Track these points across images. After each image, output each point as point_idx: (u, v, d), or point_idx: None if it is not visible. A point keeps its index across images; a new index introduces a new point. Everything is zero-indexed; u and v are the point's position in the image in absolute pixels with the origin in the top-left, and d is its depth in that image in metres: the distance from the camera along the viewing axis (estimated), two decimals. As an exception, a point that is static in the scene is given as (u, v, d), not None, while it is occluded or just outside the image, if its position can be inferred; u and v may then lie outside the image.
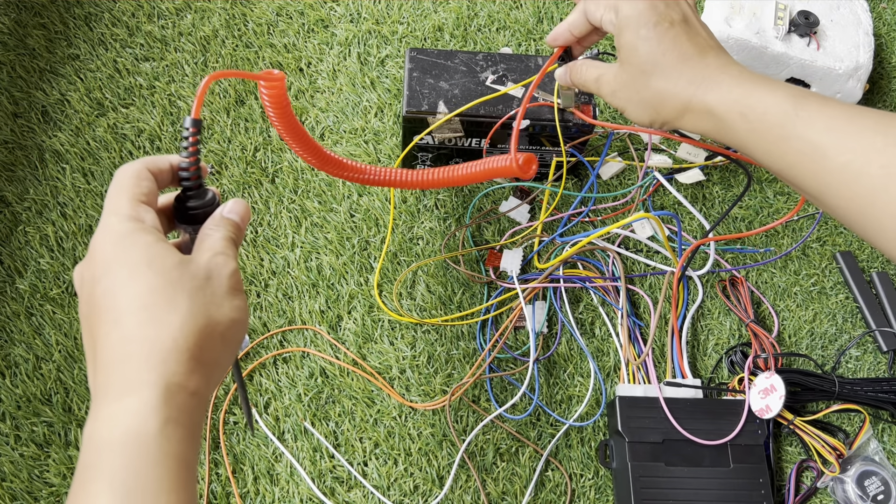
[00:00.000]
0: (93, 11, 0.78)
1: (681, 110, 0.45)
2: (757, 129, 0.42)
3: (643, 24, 0.45)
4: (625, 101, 0.48)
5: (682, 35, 0.45)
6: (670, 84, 0.45)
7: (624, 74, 0.47)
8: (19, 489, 0.57)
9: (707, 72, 0.44)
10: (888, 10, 0.90)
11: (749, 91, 0.42)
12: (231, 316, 0.35)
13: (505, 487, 0.61)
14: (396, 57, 0.80)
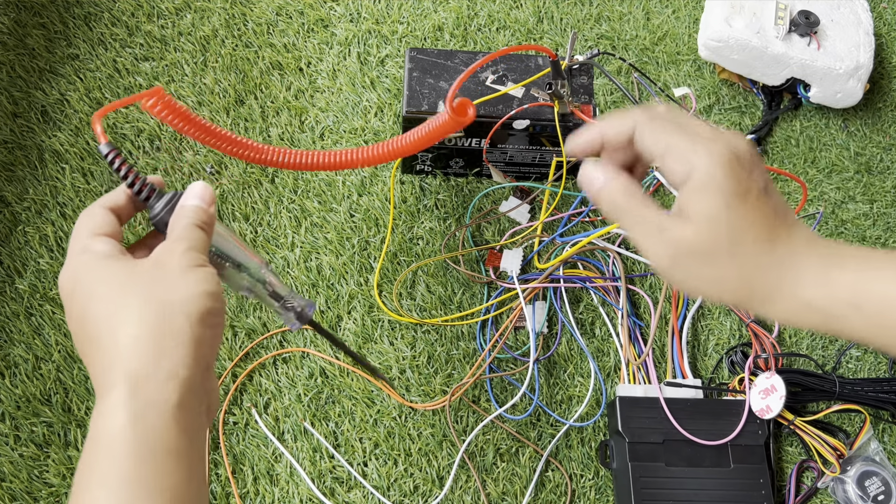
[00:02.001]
0: (92, 11, 0.78)
1: (767, 297, 0.37)
2: (879, 323, 0.35)
3: (729, 192, 0.36)
4: (686, 275, 0.38)
5: (768, 207, 0.37)
6: (753, 267, 0.37)
7: (692, 243, 0.37)
8: (19, 489, 0.57)
9: (796, 255, 0.37)
10: (888, 10, 0.90)
11: (858, 276, 0.35)
12: (188, 291, 0.34)
13: (505, 488, 0.61)
14: (396, 57, 0.80)
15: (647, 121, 0.39)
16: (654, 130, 0.38)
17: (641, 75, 0.81)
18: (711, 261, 0.37)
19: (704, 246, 0.37)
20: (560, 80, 0.65)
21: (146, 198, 0.39)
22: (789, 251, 0.37)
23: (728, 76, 0.82)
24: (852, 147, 0.80)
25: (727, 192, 0.36)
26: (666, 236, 0.37)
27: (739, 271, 0.37)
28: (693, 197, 0.37)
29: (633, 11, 0.86)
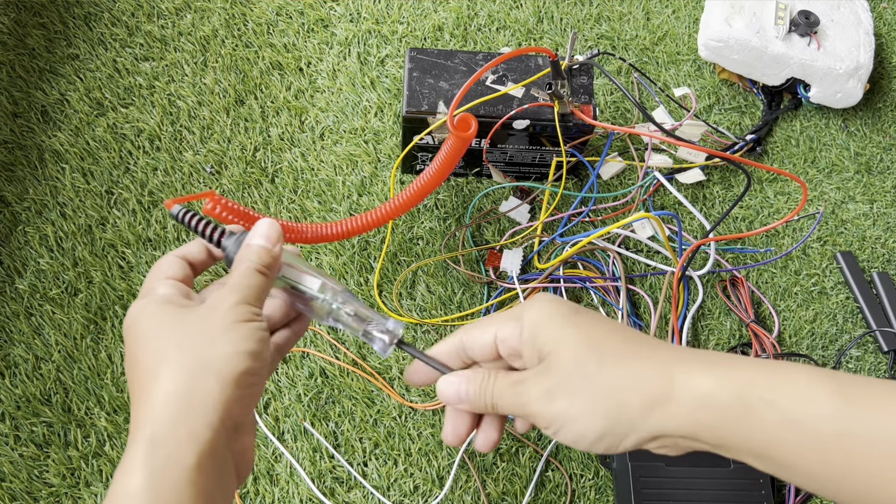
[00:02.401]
0: (92, 11, 0.78)
1: (655, 401, 0.34)
2: (796, 421, 0.32)
3: (566, 313, 0.36)
4: (566, 406, 0.35)
5: (611, 324, 0.37)
6: (630, 369, 0.35)
7: (557, 373, 0.35)
8: (19, 489, 0.57)
9: (675, 352, 0.35)
10: (888, 10, 0.90)
11: (767, 371, 0.34)
12: (227, 350, 0.34)
13: (505, 488, 0.61)
14: (396, 57, 0.79)
15: (467, 329, 0.39)
16: (474, 328, 0.39)
17: (641, 75, 0.81)
18: (577, 380, 0.35)
19: (562, 371, 0.35)
20: (560, 80, 0.65)
21: (217, 241, 0.40)
22: (669, 352, 0.35)
23: (728, 76, 0.82)
24: (852, 147, 0.80)
25: (565, 313, 0.36)
26: (525, 387, 0.36)
27: (619, 382, 0.35)
28: (538, 334, 0.36)
29: (632, 11, 0.86)
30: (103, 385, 0.62)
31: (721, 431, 0.33)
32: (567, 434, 0.35)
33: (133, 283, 0.66)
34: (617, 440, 0.35)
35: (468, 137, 0.59)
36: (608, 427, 0.34)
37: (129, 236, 0.68)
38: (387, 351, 0.41)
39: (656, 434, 0.34)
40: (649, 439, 0.35)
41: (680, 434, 0.34)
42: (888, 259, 0.74)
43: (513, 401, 0.37)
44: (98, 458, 0.59)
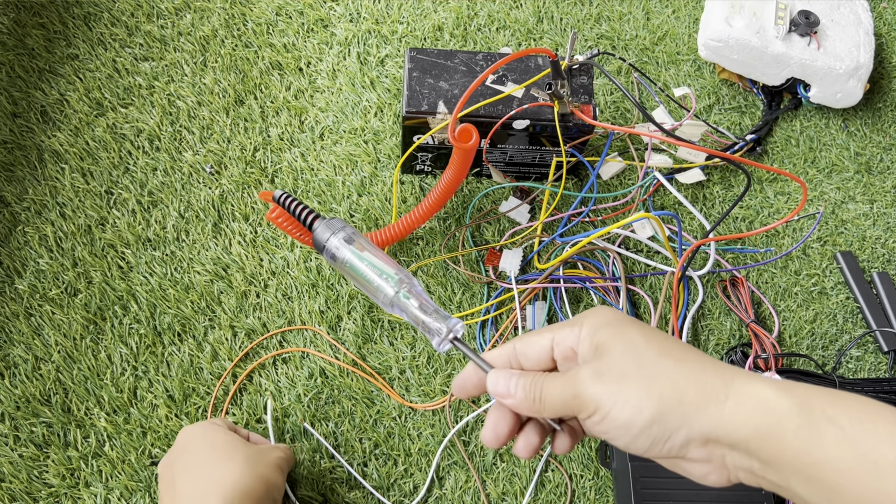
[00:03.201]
0: (92, 11, 0.78)
1: (712, 395, 0.33)
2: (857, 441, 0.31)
3: (625, 319, 0.37)
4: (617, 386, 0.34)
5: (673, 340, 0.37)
6: (689, 364, 0.34)
7: (612, 357, 0.35)
8: (18, 490, 0.57)
9: (734, 367, 0.35)
10: (889, 10, 0.90)
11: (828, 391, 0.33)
12: (272, 478, 0.51)
13: (505, 488, 0.61)
14: (396, 57, 0.79)
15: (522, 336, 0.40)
16: (530, 334, 0.40)
17: (641, 75, 0.80)
18: (637, 365, 0.34)
19: (629, 354, 0.35)
20: (560, 80, 0.65)
21: (310, 224, 0.50)
22: (726, 365, 0.35)
23: (728, 76, 0.82)
24: (852, 147, 0.80)
25: (627, 320, 0.36)
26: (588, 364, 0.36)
27: (673, 370, 0.34)
28: (597, 332, 0.36)
29: (632, 11, 0.86)
30: (103, 385, 0.62)
31: (776, 442, 0.32)
32: (615, 419, 0.34)
33: (132, 283, 0.66)
34: (666, 432, 0.33)
35: (470, 149, 0.59)
36: (660, 413, 0.33)
37: (129, 236, 0.68)
38: (442, 346, 0.42)
39: (708, 436, 0.33)
40: (700, 441, 0.33)
41: (733, 440, 0.33)
42: (888, 259, 0.74)
43: (562, 387, 0.36)
44: (98, 458, 0.59)
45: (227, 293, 0.66)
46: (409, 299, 0.44)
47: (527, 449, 0.39)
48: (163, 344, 0.64)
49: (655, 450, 0.34)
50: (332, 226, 0.48)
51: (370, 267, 0.46)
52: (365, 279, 0.46)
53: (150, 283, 0.66)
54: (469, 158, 0.61)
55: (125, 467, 0.59)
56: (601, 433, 0.35)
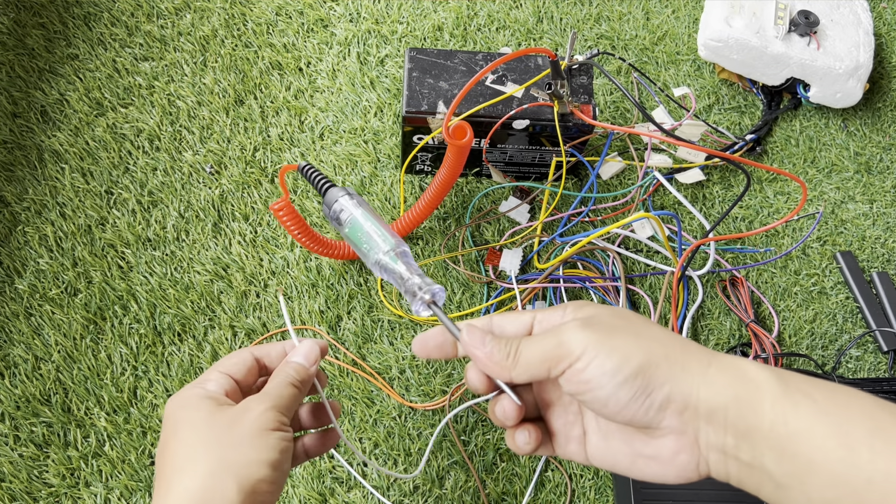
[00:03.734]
0: (92, 11, 0.78)
1: (695, 359, 0.34)
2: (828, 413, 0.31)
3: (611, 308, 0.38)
4: (605, 335, 0.34)
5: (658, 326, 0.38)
6: (673, 336, 0.35)
7: (598, 315, 0.36)
8: (18, 489, 0.57)
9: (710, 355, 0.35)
10: (888, 10, 0.90)
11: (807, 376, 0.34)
12: (250, 456, 0.37)
13: (505, 488, 0.61)
14: (396, 56, 0.79)
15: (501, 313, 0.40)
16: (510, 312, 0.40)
17: (641, 75, 0.81)
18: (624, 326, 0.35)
19: (616, 318, 0.35)
20: (560, 80, 0.65)
21: (322, 192, 0.53)
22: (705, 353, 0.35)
23: (728, 76, 0.82)
24: (852, 147, 0.80)
25: (612, 307, 0.37)
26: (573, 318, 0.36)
27: (659, 332, 0.35)
28: (583, 309, 0.37)
29: (632, 11, 0.86)
30: (103, 385, 0.62)
31: (754, 411, 0.32)
32: (601, 364, 0.33)
33: (132, 283, 0.66)
34: (650, 385, 0.33)
35: (464, 146, 0.59)
36: (648, 364, 0.33)
37: (129, 236, 0.68)
38: (421, 310, 0.44)
39: (688, 399, 0.33)
40: (679, 406, 0.33)
41: (712, 406, 0.33)
42: (888, 259, 0.74)
43: (543, 339, 0.35)
44: (98, 458, 0.59)
45: (227, 293, 0.66)
46: (398, 261, 0.46)
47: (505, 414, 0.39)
48: (163, 344, 0.64)
49: (635, 406, 0.33)
50: (345, 190, 0.53)
51: (370, 226, 0.50)
52: (365, 235, 0.49)
53: (150, 282, 0.66)
54: (463, 156, 0.61)
55: (125, 467, 0.59)
56: (582, 382, 0.34)
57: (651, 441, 0.35)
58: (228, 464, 0.36)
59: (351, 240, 0.51)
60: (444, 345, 0.41)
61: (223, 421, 0.38)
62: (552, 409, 0.40)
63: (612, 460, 0.37)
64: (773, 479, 0.32)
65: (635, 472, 0.36)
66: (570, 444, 0.39)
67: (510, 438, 0.39)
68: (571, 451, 0.39)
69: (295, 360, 0.43)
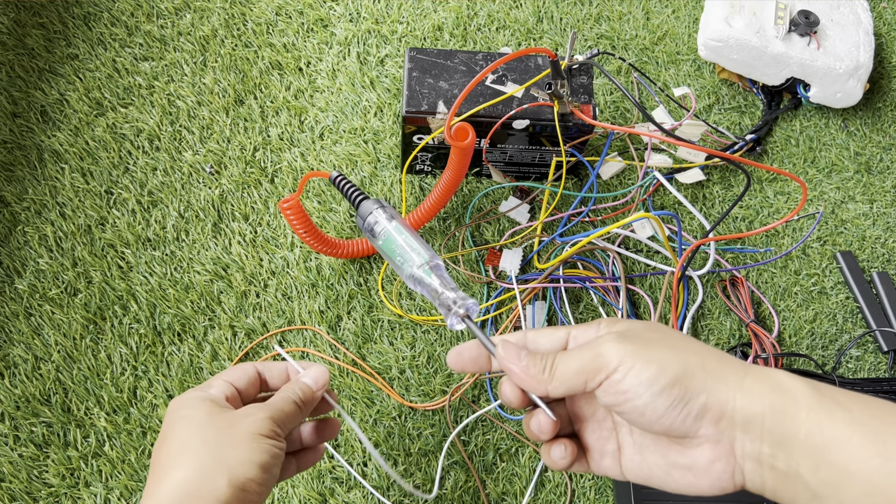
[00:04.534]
0: (92, 11, 0.78)
1: (731, 370, 0.34)
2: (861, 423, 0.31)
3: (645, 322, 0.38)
4: (641, 347, 0.35)
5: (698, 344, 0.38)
6: (708, 349, 0.35)
7: (633, 330, 0.36)
8: (18, 490, 0.57)
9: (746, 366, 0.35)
10: (888, 10, 0.90)
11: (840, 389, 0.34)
12: (242, 456, 0.38)
13: (505, 488, 0.61)
14: (396, 56, 0.79)
15: (534, 329, 0.41)
16: (544, 328, 0.40)
17: (641, 75, 0.80)
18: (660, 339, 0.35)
19: (651, 332, 0.36)
20: (560, 80, 0.65)
21: (356, 204, 0.56)
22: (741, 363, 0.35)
23: (728, 76, 0.82)
24: (852, 147, 0.80)
25: (646, 322, 0.38)
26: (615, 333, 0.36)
27: (694, 345, 0.35)
28: (617, 324, 0.37)
29: (632, 11, 0.86)
30: (103, 385, 0.62)
31: (791, 420, 0.32)
32: (639, 374, 0.33)
33: (132, 283, 0.66)
34: (688, 394, 0.33)
35: (466, 147, 0.59)
36: (685, 373, 0.33)
37: (129, 236, 0.68)
38: (455, 324, 0.44)
39: (725, 408, 0.33)
40: (716, 414, 0.33)
41: (749, 414, 0.33)
42: (888, 259, 0.74)
43: (581, 352, 0.36)
44: (97, 458, 0.59)
45: (227, 293, 0.66)
46: (432, 275, 0.48)
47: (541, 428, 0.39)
48: (162, 344, 0.64)
49: (672, 415, 0.33)
50: (378, 202, 0.55)
51: (403, 240, 0.52)
52: (399, 248, 0.51)
53: (149, 282, 0.66)
54: (467, 157, 0.61)
55: (125, 467, 0.59)
56: (619, 393, 0.34)
57: (686, 451, 0.35)
58: (222, 460, 0.38)
59: (385, 252, 0.53)
60: (478, 358, 0.41)
61: (221, 422, 0.40)
62: (586, 424, 0.40)
63: (647, 473, 0.37)
64: (809, 489, 0.32)
65: (671, 483, 0.36)
66: (604, 460, 0.39)
67: (545, 454, 0.39)
68: (606, 467, 0.39)
69: (304, 380, 0.45)
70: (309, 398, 0.44)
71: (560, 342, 0.39)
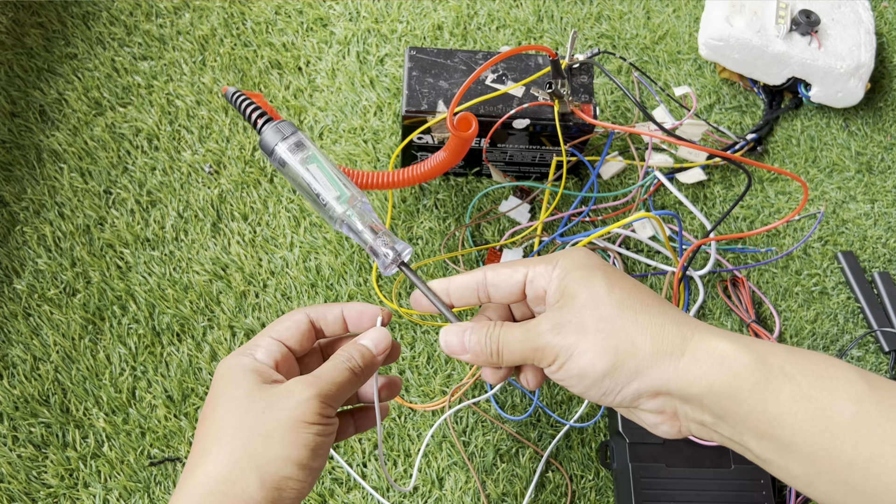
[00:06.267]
0: (91, 10, 0.78)
1: (668, 350, 0.33)
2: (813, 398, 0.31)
3: (599, 264, 0.37)
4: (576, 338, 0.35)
5: (643, 284, 0.38)
6: (648, 317, 0.34)
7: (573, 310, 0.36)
8: (17, 490, 0.57)
9: (697, 321, 0.35)
10: (889, 9, 0.89)
11: (790, 349, 0.33)
12: (276, 452, 0.34)
13: (505, 489, 0.61)
14: (396, 56, 0.79)
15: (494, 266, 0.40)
16: (503, 266, 0.39)
17: (642, 74, 0.80)
18: (597, 319, 0.35)
19: (589, 307, 0.35)
20: (560, 79, 0.64)
21: (259, 126, 0.45)
22: (689, 319, 0.35)
23: (729, 75, 0.82)
24: (853, 146, 0.80)
25: (599, 266, 0.37)
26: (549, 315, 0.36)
27: (631, 323, 0.34)
28: (568, 275, 0.36)
29: (633, 10, 0.86)
30: (102, 385, 0.61)
31: (731, 399, 0.32)
32: (571, 368, 0.35)
33: (131, 283, 0.65)
34: (619, 384, 0.34)
35: (469, 137, 0.59)
36: (614, 365, 0.34)
37: (128, 236, 0.67)
38: (388, 269, 0.41)
39: (660, 389, 0.34)
40: (651, 393, 0.34)
41: (686, 394, 0.33)
42: (889, 259, 0.74)
43: (521, 341, 0.36)
44: (97, 458, 0.59)
45: (226, 293, 0.66)
46: (357, 219, 0.42)
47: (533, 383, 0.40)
48: (161, 344, 0.64)
49: (607, 400, 0.35)
50: (282, 129, 0.44)
51: (320, 179, 0.43)
52: (313, 192, 0.43)
53: (148, 282, 0.66)
54: (466, 146, 0.61)
55: (124, 468, 0.59)
56: (558, 380, 0.36)
57: (634, 412, 0.37)
58: (253, 455, 0.34)
59: (301, 186, 0.44)
60: None
61: (259, 405, 0.35)
62: None
63: (608, 407, 0.41)
64: (754, 454, 0.33)
65: (630, 419, 0.39)
66: None
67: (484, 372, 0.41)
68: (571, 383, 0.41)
69: (363, 342, 0.39)
70: (369, 364, 0.38)
71: (518, 287, 0.39)
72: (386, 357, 0.40)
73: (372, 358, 0.39)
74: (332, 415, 0.36)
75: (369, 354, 0.39)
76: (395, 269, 0.42)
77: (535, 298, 0.38)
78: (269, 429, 0.34)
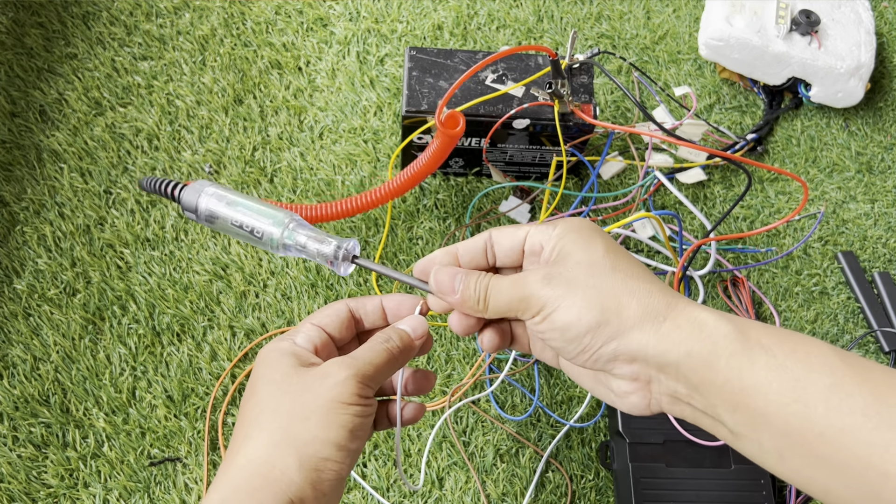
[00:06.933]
0: (91, 10, 0.78)
1: (651, 314, 0.34)
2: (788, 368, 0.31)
3: (599, 231, 0.38)
4: (564, 291, 0.35)
5: (633, 260, 0.38)
6: (637, 282, 0.35)
7: (565, 264, 0.36)
8: (17, 490, 0.57)
9: (682, 295, 0.36)
10: (889, 9, 0.89)
11: (769, 326, 0.34)
12: (314, 433, 0.34)
13: (505, 489, 0.61)
14: (396, 56, 0.79)
15: (499, 228, 0.40)
16: (507, 227, 0.40)
17: (642, 74, 0.80)
18: (588, 276, 0.35)
19: (582, 265, 0.35)
20: (560, 79, 0.64)
21: (174, 196, 0.46)
22: (675, 292, 0.35)
23: (729, 75, 0.82)
24: (853, 146, 0.80)
25: (599, 232, 0.37)
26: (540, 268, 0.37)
27: (620, 285, 0.35)
28: (566, 236, 0.37)
29: (633, 10, 0.86)
30: (101, 385, 0.61)
31: (708, 367, 0.32)
32: (556, 319, 0.35)
33: (131, 283, 0.65)
34: (599, 341, 0.34)
35: (455, 135, 0.58)
36: (599, 322, 0.34)
37: (128, 236, 0.67)
38: (345, 268, 0.41)
39: (637, 354, 0.34)
40: (628, 357, 0.34)
41: (663, 360, 0.33)
42: (889, 259, 0.74)
43: (510, 289, 0.37)
44: (97, 458, 0.59)
45: (226, 293, 0.66)
46: (297, 235, 0.42)
47: (490, 344, 0.40)
48: (161, 344, 0.64)
49: (582, 358, 0.35)
50: (197, 188, 0.45)
51: (249, 215, 0.43)
52: (247, 230, 0.43)
53: (148, 282, 0.66)
54: (451, 146, 0.60)
55: (124, 468, 0.59)
56: (539, 332, 0.36)
57: (607, 378, 0.37)
58: (292, 437, 0.34)
59: (233, 233, 0.44)
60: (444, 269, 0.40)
61: (298, 386, 0.35)
62: None
63: (578, 380, 0.40)
64: (726, 427, 0.33)
65: (597, 394, 0.39)
66: (545, 353, 0.41)
67: (479, 338, 0.40)
68: (546, 358, 0.41)
69: (402, 327, 0.39)
70: (407, 346, 0.39)
71: (520, 244, 0.39)
72: (421, 382, 0.42)
73: (410, 341, 0.39)
74: (369, 395, 0.36)
75: (407, 337, 0.39)
76: (351, 266, 0.42)
77: (531, 254, 0.39)
78: (307, 410, 0.34)
